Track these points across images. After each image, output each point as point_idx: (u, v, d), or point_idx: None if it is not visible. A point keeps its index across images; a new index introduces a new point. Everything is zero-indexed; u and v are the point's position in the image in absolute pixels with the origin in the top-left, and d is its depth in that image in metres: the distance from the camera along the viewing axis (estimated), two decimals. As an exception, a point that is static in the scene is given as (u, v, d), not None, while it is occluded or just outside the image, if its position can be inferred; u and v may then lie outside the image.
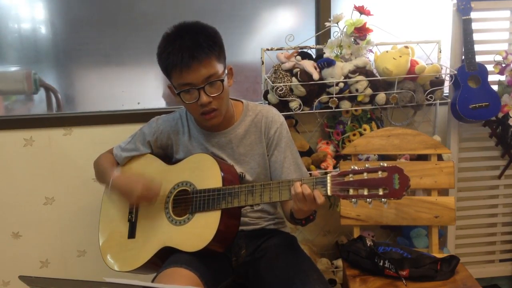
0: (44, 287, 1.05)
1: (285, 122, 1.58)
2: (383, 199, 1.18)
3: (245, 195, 1.37)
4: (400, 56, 1.96)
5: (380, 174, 1.18)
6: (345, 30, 1.94)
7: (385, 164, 1.19)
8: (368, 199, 1.19)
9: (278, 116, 1.57)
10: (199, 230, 1.39)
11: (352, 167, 1.22)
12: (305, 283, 1.34)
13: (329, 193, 1.23)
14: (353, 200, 1.21)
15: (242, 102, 1.59)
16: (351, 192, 1.20)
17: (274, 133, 1.54)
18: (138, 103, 2.16)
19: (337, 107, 1.97)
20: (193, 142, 1.56)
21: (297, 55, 1.96)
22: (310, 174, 1.90)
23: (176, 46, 1.35)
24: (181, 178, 1.48)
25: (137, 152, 1.60)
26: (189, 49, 1.33)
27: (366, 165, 1.21)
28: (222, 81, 1.39)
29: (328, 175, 1.25)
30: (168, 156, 1.62)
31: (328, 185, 1.24)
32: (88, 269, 2.16)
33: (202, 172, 1.45)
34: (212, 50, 1.36)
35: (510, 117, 2.12)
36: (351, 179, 1.21)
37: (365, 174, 1.20)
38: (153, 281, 1.34)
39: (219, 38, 1.42)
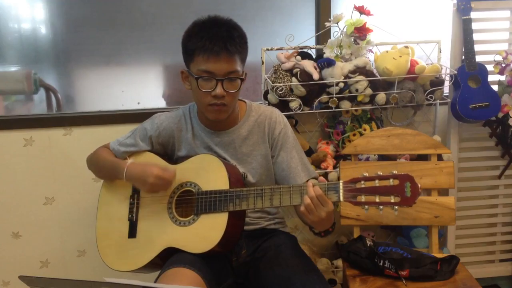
0: (44, 287, 1.05)
1: (288, 122, 1.58)
2: (395, 207, 1.19)
3: (254, 198, 1.35)
4: (400, 56, 1.96)
5: (391, 181, 1.20)
6: (345, 30, 1.94)
7: (396, 172, 1.20)
8: (380, 206, 1.20)
9: (281, 117, 1.57)
10: (205, 232, 1.38)
11: (363, 173, 1.23)
12: (305, 283, 1.34)
13: (341, 199, 1.24)
14: (365, 207, 1.22)
15: (245, 102, 1.60)
16: (363, 199, 1.21)
17: (278, 134, 1.54)
18: (138, 103, 2.16)
19: (337, 107, 1.97)
20: (196, 140, 1.55)
21: (297, 55, 1.96)
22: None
23: (212, 33, 1.37)
24: (185, 179, 1.47)
25: (135, 148, 1.58)
26: (224, 40, 1.36)
27: (378, 172, 1.22)
28: (242, 80, 1.42)
29: (340, 181, 1.25)
30: (167, 154, 1.61)
31: (341, 191, 1.24)
32: (88, 269, 2.16)
33: (208, 173, 1.44)
34: (242, 49, 1.40)
35: (510, 117, 2.12)
36: (362, 185, 1.22)
37: (376, 181, 1.21)
38: (156, 280, 1.34)
39: (247, 41, 1.45)
